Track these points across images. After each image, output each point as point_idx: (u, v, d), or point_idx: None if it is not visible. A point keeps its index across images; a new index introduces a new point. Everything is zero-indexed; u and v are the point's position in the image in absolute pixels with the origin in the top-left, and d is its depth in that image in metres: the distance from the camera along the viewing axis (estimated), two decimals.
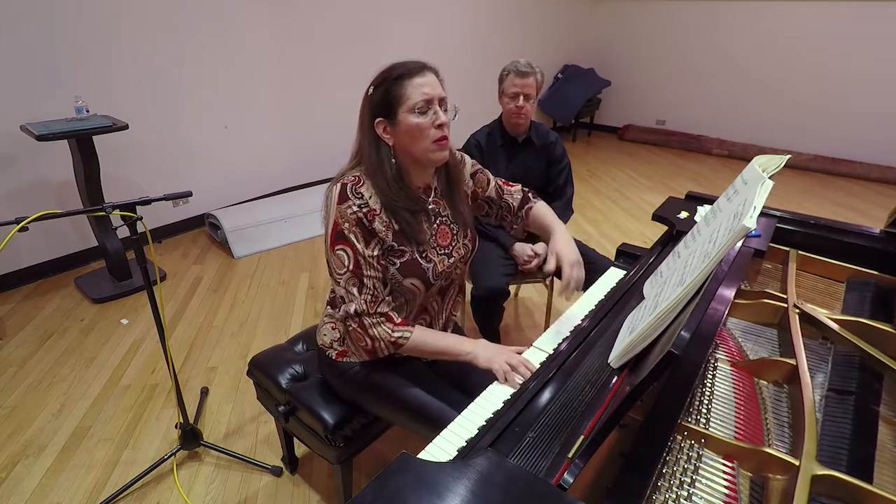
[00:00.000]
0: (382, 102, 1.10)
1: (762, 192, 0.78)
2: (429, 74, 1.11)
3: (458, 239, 1.28)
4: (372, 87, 1.12)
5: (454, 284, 1.35)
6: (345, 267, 1.12)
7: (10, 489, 1.64)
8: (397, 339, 1.14)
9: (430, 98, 1.09)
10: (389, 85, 1.09)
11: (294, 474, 1.70)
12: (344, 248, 1.11)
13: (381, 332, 1.13)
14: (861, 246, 1.36)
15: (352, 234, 1.10)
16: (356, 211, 1.10)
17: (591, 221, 3.89)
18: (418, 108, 1.08)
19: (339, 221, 1.11)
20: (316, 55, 3.91)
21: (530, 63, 1.88)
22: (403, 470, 0.70)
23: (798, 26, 4.99)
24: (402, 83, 1.08)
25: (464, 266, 1.33)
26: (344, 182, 1.12)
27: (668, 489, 0.74)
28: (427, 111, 1.09)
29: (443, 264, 1.23)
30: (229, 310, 2.67)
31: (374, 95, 1.11)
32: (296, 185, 4.13)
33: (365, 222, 1.11)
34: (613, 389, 0.87)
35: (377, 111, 1.11)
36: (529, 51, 5.41)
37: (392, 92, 1.09)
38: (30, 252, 2.86)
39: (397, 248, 1.15)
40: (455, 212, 1.27)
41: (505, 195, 1.43)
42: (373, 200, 1.12)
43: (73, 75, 2.77)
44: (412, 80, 1.09)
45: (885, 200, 4.38)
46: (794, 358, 0.96)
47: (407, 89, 1.08)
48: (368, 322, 1.13)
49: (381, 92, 1.10)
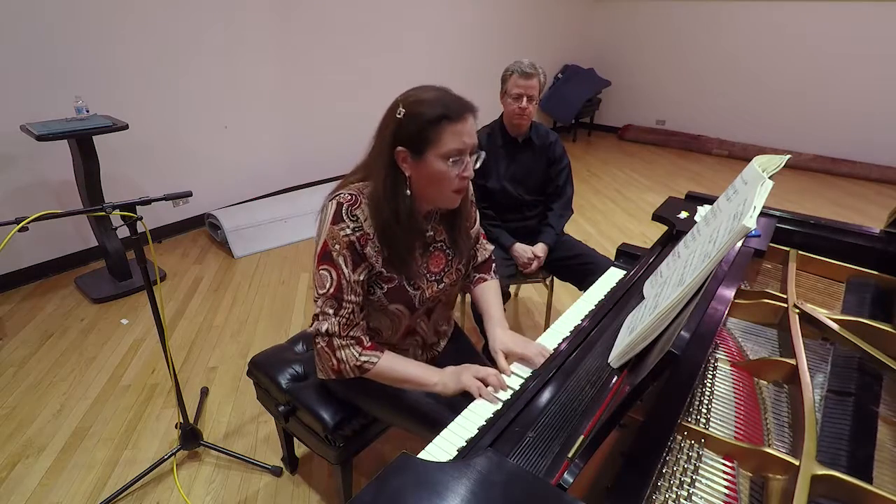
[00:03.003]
0: (414, 136, 1.02)
1: (762, 192, 0.78)
2: (469, 120, 1.04)
3: (452, 265, 1.25)
4: (403, 110, 1.02)
5: (441, 303, 1.31)
6: (325, 288, 1.09)
7: (10, 489, 1.64)
8: (363, 364, 1.11)
9: (466, 149, 1.04)
10: (425, 123, 1.00)
11: (294, 474, 1.70)
12: (328, 269, 1.08)
13: (348, 355, 1.11)
14: (861, 246, 1.36)
15: (340, 258, 1.07)
16: (349, 234, 1.06)
17: (591, 221, 3.89)
18: (452, 157, 1.02)
19: (328, 242, 1.07)
20: (316, 55, 3.91)
21: (534, 64, 1.88)
22: (403, 470, 0.70)
23: (798, 26, 4.99)
24: (440, 126, 1.00)
25: (453, 289, 1.30)
26: (340, 201, 1.07)
27: (668, 489, 0.74)
28: (458, 161, 1.04)
29: (431, 290, 1.20)
30: (229, 310, 2.67)
31: (406, 124, 1.02)
32: (296, 185, 4.13)
33: (357, 246, 1.07)
34: (613, 389, 0.87)
35: (403, 141, 1.03)
36: (529, 51, 5.40)
37: (427, 131, 1.00)
38: (30, 252, 2.86)
39: (385, 275, 1.13)
40: (452, 238, 1.24)
41: (479, 245, 1.41)
42: (367, 224, 1.08)
43: (73, 75, 2.77)
44: (453, 125, 1.01)
45: (885, 200, 4.38)
46: (794, 358, 0.96)
47: (445, 135, 1.00)
48: (337, 343, 1.11)
49: (415, 125, 1.01)
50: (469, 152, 1.06)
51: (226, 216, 3.35)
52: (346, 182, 1.15)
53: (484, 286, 1.39)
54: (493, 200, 2.07)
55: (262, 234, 3.40)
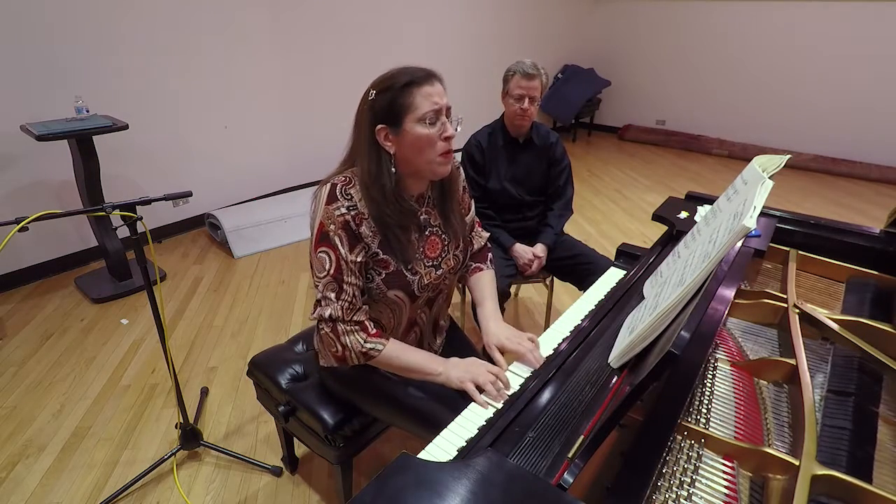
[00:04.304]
0: (387, 109, 1.06)
1: (762, 192, 0.78)
2: (436, 83, 1.08)
3: (449, 250, 1.25)
4: (374, 91, 1.07)
5: (442, 294, 1.32)
6: (325, 270, 1.09)
7: (10, 489, 1.64)
8: (368, 351, 1.11)
9: (439, 108, 1.07)
10: (396, 92, 1.05)
11: (294, 474, 1.70)
12: (326, 250, 1.09)
13: (353, 342, 1.11)
14: (861, 246, 1.36)
15: (336, 237, 1.08)
16: (344, 213, 1.08)
17: (591, 221, 3.89)
18: (428, 118, 1.05)
19: (324, 223, 1.08)
20: (316, 55, 3.91)
21: (536, 64, 1.86)
22: (403, 470, 0.70)
23: (798, 26, 4.99)
24: (409, 91, 1.05)
25: (452, 277, 1.30)
26: (334, 182, 1.09)
27: (668, 489, 0.74)
28: (435, 122, 1.07)
29: (429, 276, 1.21)
30: (229, 310, 2.67)
31: (378, 101, 1.07)
32: (296, 185, 4.13)
33: (352, 225, 1.08)
34: (613, 389, 0.87)
35: (380, 118, 1.07)
36: (529, 51, 5.40)
37: (398, 100, 1.05)
38: (30, 252, 2.86)
39: (381, 257, 1.13)
40: (447, 222, 1.24)
41: (474, 233, 1.41)
42: (361, 204, 1.10)
43: (73, 75, 2.77)
44: (421, 88, 1.05)
45: (885, 200, 4.38)
46: (794, 358, 0.96)
47: (415, 98, 1.05)
48: (342, 329, 1.11)
49: (387, 99, 1.06)
50: (445, 114, 1.09)
51: (226, 216, 3.35)
52: (332, 174, 1.16)
53: (479, 275, 1.39)
54: (494, 201, 2.07)
55: (262, 234, 3.40)
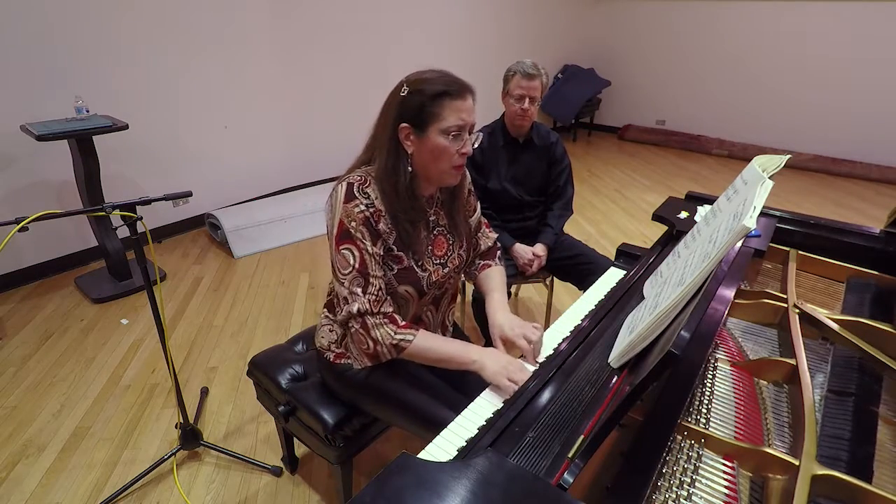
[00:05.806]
0: (414, 112, 1.07)
1: (762, 192, 0.78)
2: (469, 99, 1.09)
3: (454, 249, 1.27)
4: (407, 88, 1.08)
5: (448, 293, 1.34)
6: (350, 266, 1.10)
7: (10, 489, 1.64)
8: (399, 342, 1.11)
9: (465, 125, 1.08)
10: (427, 98, 1.05)
11: (294, 474, 1.70)
12: (349, 247, 1.10)
13: (384, 334, 1.11)
14: (861, 246, 1.36)
15: (358, 233, 1.09)
16: (363, 210, 1.09)
17: (591, 221, 3.89)
18: (452, 132, 1.06)
19: (344, 220, 1.09)
20: (316, 55, 3.91)
21: (536, 65, 1.86)
22: (403, 470, 0.70)
23: (798, 26, 4.99)
24: (441, 102, 1.05)
25: (457, 276, 1.32)
26: (350, 182, 1.11)
27: (668, 489, 0.74)
28: (458, 137, 1.08)
29: (437, 274, 1.22)
30: (229, 310, 2.67)
31: (408, 100, 1.07)
32: (296, 185, 4.13)
33: (371, 221, 1.10)
34: (613, 389, 0.87)
35: (405, 117, 1.08)
36: (529, 50, 5.40)
37: (429, 107, 1.05)
38: (30, 252, 2.86)
39: (396, 253, 1.15)
40: (453, 223, 1.26)
41: (480, 234, 1.42)
42: (378, 202, 1.12)
43: (73, 75, 2.77)
44: (453, 101, 1.06)
45: (885, 200, 4.38)
46: (794, 358, 0.96)
47: (445, 109, 1.06)
48: (371, 322, 1.11)
49: (417, 101, 1.06)
50: (468, 130, 1.10)
51: (226, 216, 3.35)
52: (353, 166, 1.18)
53: (489, 271, 1.40)
54: (494, 201, 2.06)
55: (262, 234, 3.40)
